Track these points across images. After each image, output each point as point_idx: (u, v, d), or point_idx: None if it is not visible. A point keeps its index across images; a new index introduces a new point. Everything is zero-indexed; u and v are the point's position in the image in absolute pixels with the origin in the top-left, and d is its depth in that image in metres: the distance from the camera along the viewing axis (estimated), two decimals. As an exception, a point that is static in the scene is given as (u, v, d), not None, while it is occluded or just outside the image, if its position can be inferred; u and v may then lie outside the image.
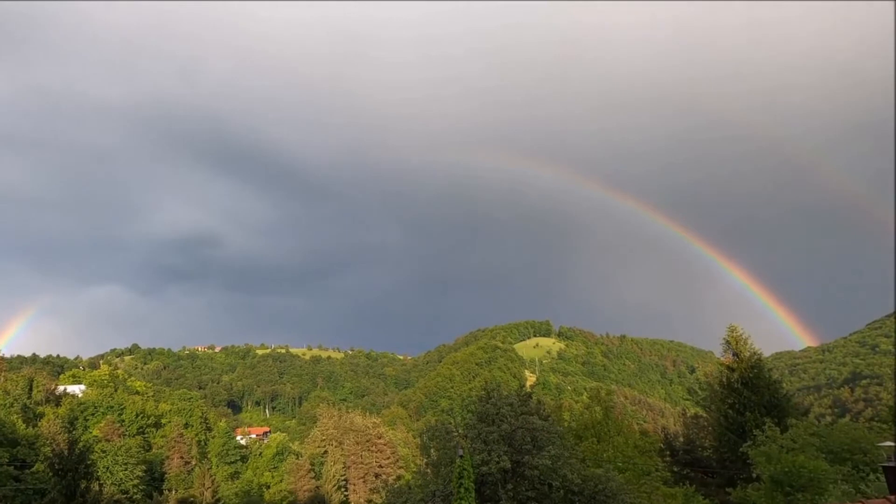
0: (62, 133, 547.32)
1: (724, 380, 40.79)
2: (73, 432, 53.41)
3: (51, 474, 43.30)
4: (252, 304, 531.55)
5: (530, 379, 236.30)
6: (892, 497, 9.65)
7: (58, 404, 62.41)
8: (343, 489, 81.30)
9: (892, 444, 18.93)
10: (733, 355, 40.99)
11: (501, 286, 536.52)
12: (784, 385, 42.74)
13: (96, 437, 56.27)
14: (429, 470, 29.77)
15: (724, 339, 41.68)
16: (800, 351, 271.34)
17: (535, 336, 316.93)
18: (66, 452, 46.10)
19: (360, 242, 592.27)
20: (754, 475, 28.06)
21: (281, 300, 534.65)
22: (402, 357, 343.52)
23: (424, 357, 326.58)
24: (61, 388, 73.06)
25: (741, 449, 30.73)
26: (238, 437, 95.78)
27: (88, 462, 48.27)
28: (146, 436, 69.00)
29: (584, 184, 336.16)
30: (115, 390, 76.15)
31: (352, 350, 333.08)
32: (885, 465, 14.59)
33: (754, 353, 40.34)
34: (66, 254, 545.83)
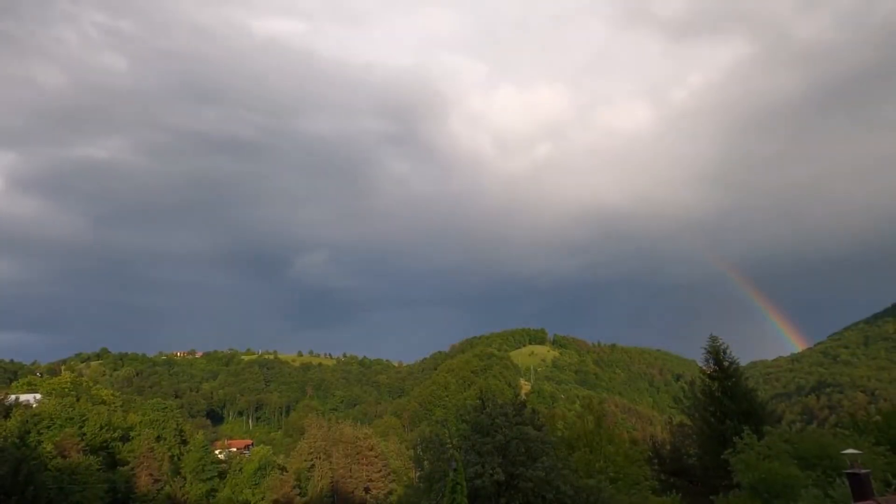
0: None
1: (706, 389, 43.50)
2: (23, 449, 49.39)
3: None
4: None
5: (525, 387, 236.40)
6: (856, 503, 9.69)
7: (7, 416, 58.43)
8: (330, 505, 78.27)
9: (854, 451, 19.92)
10: (714, 365, 43.42)
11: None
12: (759, 393, 45.80)
13: (50, 453, 52.35)
14: (421, 484, 29.57)
15: (706, 348, 44.18)
16: (772, 360, 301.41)
17: (530, 344, 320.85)
18: (9, 474, 42.45)
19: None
20: (735, 482, 29.76)
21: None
22: (396, 364, 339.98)
23: (420, 364, 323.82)
24: (13, 397, 69.06)
25: (722, 456, 32.16)
26: (216, 451, 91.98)
27: (38, 483, 44.65)
28: (111, 451, 65.22)
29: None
30: (77, 399, 72.24)
31: (344, 356, 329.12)
32: (848, 471, 16.03)
33: (733, 363, 43.00)
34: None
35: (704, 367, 45.00)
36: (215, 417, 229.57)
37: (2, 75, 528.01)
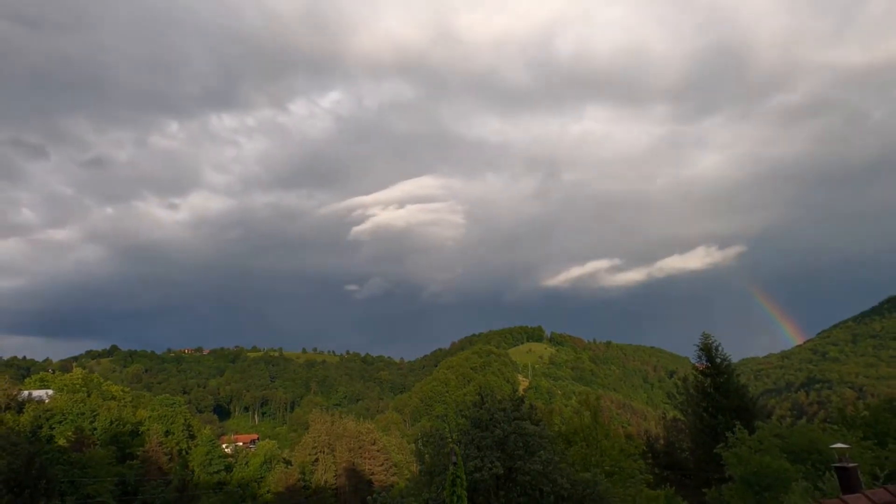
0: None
1: (699, 385, 43.76)
2: (36, 443, 49.34)
3: (5, 492, 39.56)
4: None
5: (523, 383, 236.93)
6: (844, 496, 10.16)
7: (20, 411, 58.29)
8: (334, 498, 78.17)
9: (843, 445, 19.54)
10: (706, 361, 43.83)
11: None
12: (750, 389, 45.10)
13: (62, 447, 52.27)
14: (422, 477, 29.21)
15: (698, 345, 44.46)
16: (763, 357, 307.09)
17: (528, 341, 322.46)
18: (23, 467, 42.42)
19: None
20: (727, 475, 29.73)
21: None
22: (398, 361, 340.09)
23: (421, 361, 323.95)
24: (25, 393, 68.82)
25: (715, 450, 32.18)
26: (223, 446, 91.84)
27: (49, 477, 44.59)
28: (121, 445, 65.10)
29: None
30: (88, 395, 72.01)
31: (347, 353, 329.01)
32: (837, 465, 15.99)
33: (724, 360, 43.30)
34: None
35: (697, 364, 45.24)
36: (222, 413, 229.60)
37: (262, 155, 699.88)
